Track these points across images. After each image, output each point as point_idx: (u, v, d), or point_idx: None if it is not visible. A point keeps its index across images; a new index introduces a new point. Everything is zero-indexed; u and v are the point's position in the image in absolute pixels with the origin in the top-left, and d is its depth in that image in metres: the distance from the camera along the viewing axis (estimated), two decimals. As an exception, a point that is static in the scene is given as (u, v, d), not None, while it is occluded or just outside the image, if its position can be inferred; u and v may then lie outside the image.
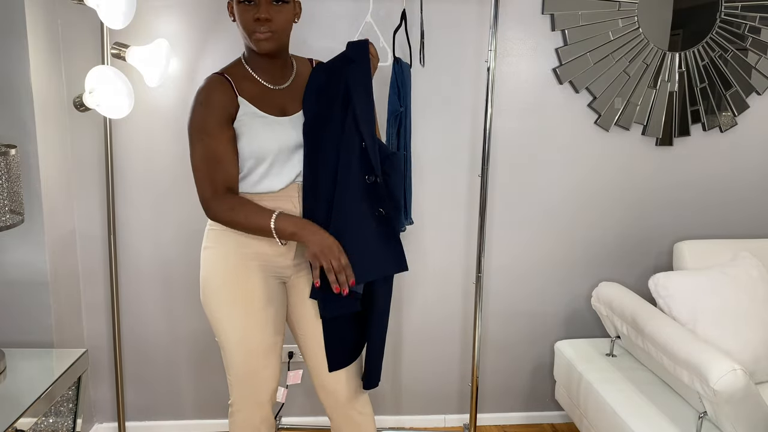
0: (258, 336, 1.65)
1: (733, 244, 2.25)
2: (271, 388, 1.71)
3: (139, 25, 2.06)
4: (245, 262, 1.63)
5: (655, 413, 1.81)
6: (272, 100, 1.61)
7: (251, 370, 1.67)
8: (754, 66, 2.31)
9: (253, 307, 1.64)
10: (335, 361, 1.67)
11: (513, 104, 2.27)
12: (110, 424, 2.38)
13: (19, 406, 1.60)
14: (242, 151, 1.57)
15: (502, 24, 2.19)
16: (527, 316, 2.45)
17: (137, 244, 2.26)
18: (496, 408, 2.52)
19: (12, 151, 1.68)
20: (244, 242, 1.62)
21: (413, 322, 2.41)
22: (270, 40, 1.53)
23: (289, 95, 1.63)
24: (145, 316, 2.32)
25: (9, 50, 1.90)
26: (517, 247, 2.39)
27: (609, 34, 2.22)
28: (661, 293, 2.02)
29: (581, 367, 2.13)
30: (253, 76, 1.61)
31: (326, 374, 1.70)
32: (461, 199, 2.33)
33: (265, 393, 1.70)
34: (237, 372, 1.68)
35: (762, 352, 1.93)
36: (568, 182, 2.35)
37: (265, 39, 1.52)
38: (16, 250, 2.01)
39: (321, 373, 1.72)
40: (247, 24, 1.51)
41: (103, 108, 1.96)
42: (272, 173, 1.59)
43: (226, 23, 2.13)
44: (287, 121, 1.60)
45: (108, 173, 2.14)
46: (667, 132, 2.33)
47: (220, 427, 2.43)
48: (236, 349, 1.66)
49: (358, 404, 1.76)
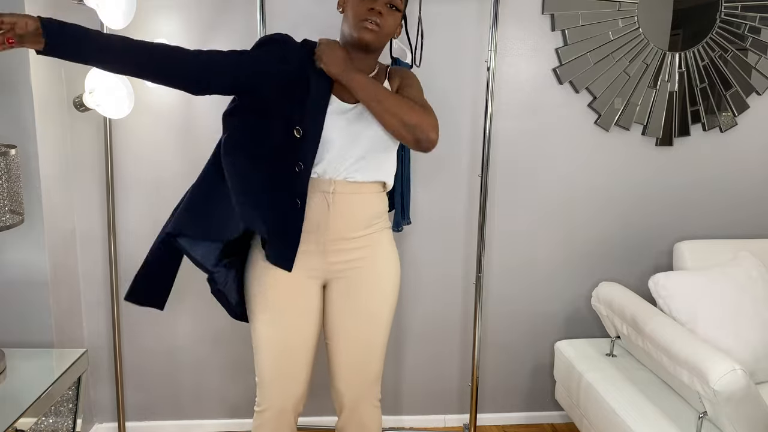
0: (290, 337, 1.65)
1: (733, 244, 2.25)
2: (297, 393, 1.70)
3: (139, 25, 2.06)
4: None
5: (655, 413, 1.81)
6: (344, 87, 1.59)
7: (279, 373, 1.67)
8: (754, 66, 2.31)
9: (287, 307, 1.64)
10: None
11: (513, 104, 2.27)
12: (110, 424, 2.38)
13: (19, 406, 1.60)
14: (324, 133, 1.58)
15: (502, 24, 2.19)
16: (527, 316, 2.45)
17: (137, 244, 2.26)
18: (496, 408, 2.52)
19: (12, 151, 1.68)
20: None
21: (413, 322, 2.41)
22: (374, 33, 1.55)
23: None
24: (145, 316, 2.32)
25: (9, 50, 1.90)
26: (517, 247, 2.39)
27: (609, 34, 2.22)
28: (661, 293, 2.02)
29: (581, 367, 2.13)
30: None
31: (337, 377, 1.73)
32: (461, 199, 2.33)
33: (290, 397, 1.69)
34: (265, 373, 1.67)
35: (762, 352, 1.93)
36: (568, 182, 2.35)
37: (372, 30, 1.55)
38: (16, 250, 2.01)
39: (333, 375, 1.74)
40: (360, 12, 1.54)
41: (103, 108, 1.96)
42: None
43: (226, 23, 2.13)
44: (348, 109, 1.59)
45: (108, 173, 2.14)
46: (667, 132, 2.33)
47: (220, 427, 2.43)
48: (267, 349, 1.65)
49: (364, 415, 1.76)
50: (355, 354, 1.70)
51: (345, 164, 1.59)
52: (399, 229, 2.16)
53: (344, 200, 1.61)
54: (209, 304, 2.31)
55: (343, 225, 1.62)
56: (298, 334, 1.66)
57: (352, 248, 1.65)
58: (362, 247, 1.66)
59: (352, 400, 1.73)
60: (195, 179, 1.64)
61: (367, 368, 1.72)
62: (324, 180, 1.59)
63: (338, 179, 1.59)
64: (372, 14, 1.53)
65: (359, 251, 1.66)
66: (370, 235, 1.67)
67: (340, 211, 1.61)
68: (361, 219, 1.64)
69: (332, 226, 1.61)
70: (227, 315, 1.77)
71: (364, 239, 1.66)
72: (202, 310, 2.33)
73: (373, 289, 1.69)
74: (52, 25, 1.31)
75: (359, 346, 1.70)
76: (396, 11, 1.58)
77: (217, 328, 2.34)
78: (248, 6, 2.12)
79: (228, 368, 2.38)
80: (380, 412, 1.79)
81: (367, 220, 1.66)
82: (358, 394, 1.73)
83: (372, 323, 1.70)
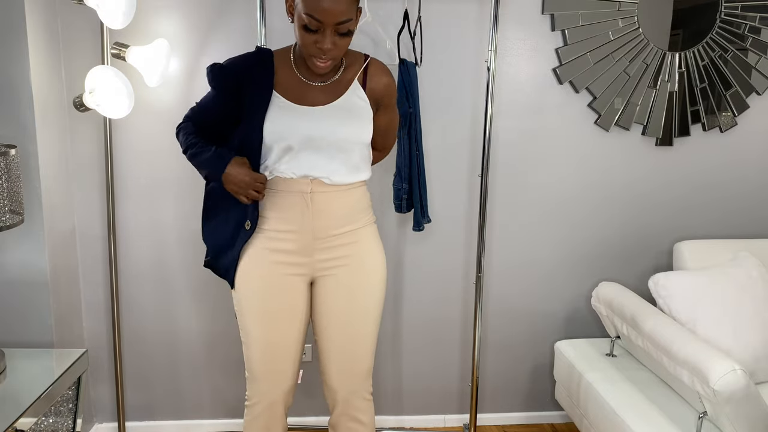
0: (277, 333, 1.67)
1: (733, 244, 2.25)
2: (287, 386, 1.72)
3: (139, 25, 2.06)
4: (270, 258, 1.65)
5: (655, 413, 1.81)
6: (304, 92, 1.61)
7: (268, 368, 1.69)
8: (754, 66, 2.31)
9: (274, 304, 1.66)
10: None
11: (513, 104, 2.27)
12: (110, 424, 2.38)
13: (19, 406, 1.60)
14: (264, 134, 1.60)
15: (502, 24, 2.19)
16: (527, 316, 2.45)
17: (137, 244, 2.26)
18: (496, 408, 2.52)
19: (12, 151, 1.68)
20: (269, 238, 1.64)
21: (413, 322, 2.41)
22: (329, 66, 1.55)
23: (327, 89, 1.63)
24: (145, 316, 2.32)
25: (9, 50, 1.90)
26: (517, 247, 2.39)
27: (609, 34, 2.22)
28: (661, 293, 2.02)
29: (581, 367, 2.13)
30: (294, 70, 1.62)
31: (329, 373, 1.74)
32: (461, 199, 2.33)
33: (280, 391, 1.71)
34: (254, 367, 1.70)
35: (762, 352, 1.93)
36: (568, 182, 2.35)
37: (325, 66, 1.54)
38: (16, 250, 2.01)
39: (325, 371, 1.75)
40: (309, 47, 1.51)
41: (103, 108, 1.96)
42: (284, 161, 1.60)
43: (226, 23, 2.13)
44: (313, 111, 1.60)
45: (108, 173, 2.14)
46: (667, 132, 2.33)
47: (220, 427, 2.43)
48: (255, 344, 1.68)
49: (357, 409, 1.76)
50: (346, 350, 1.71)
51: (318, 164, 1.60)
52: (420, 228, 2.18)
53: (323, 199, 1.62)
54: (209, 304, 2.31)
55: (325, 224, 1.64)
56: (285, 331, 1.68)
57: (337, 245, 1.66)
58: (348, 244, 1.67)
59: (345, 396, 1.74)
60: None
61: (358, 363, 1.73)
62: (301, 180, 1.61)
63: (315, 179, 1.61)
64: (321, 52, 1.50)
65: (345, 248, 1.67)
66: (355, 230, 1.68)
67: (320, 210, 1.63)
68: (342, 216, 1.66)
69: (315, 225, 1.63)
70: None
71: (348, 235, 1.67)
72: (202, 310, 2.33)
73: (361, 285, 1.70)
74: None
75: (349, 342, 1.71)
76: (348, 33, 1.51)
77: (217, 328, 2.34)
78: (248, 6, 2.12)
79: (228, 368, 2.38)
80: (373, 406, 1.79)
81: (349, 217, 1.67)
82: (350, 389, 1.74)
83: (361, 318, 1.71)
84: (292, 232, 1.63)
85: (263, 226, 1.65)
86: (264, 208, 1.65)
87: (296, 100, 1.60)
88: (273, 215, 1.64)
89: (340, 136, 1.60)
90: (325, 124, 1.59)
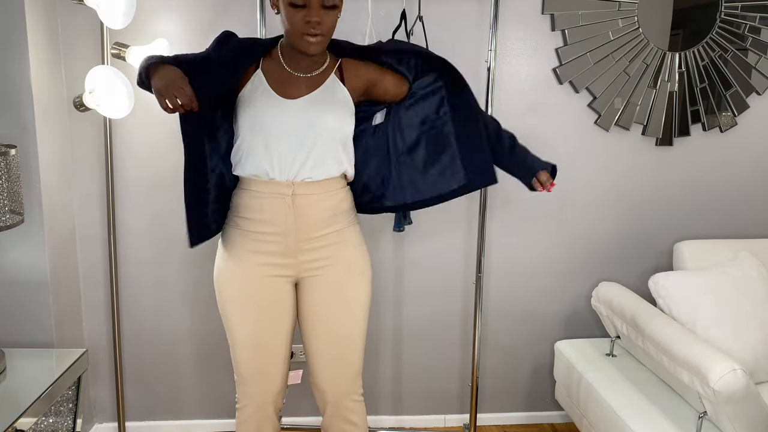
0: (263, 335, 1.67)
1: (733, 244, 2.25)
2: (275, 388, 1.72)
3: (139, 25, 2.06)
4: (253, 260, 1.64)
5: (655, 413, 1.81)
6: (290, 83, 1.61)
7: (256, 370, 1.69)
8: (754, 66, 2.31)
9: (259, 306, 1.66)
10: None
11: (513, 104, 2.27)
12: (110, 424, 2.38)
13: (19, 406, 1.60)
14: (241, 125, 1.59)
15: (502, 24, 2.18)
16: (527, 316, 2.45)
17: (137, 244, 2.26)
18: (496, 408, 2.52)
19: (12, 151, 1.68)
20: (252, 240, 1.64)
21: (413, 322, 2.41)
22: (318, 44, 1.54)
23: (312, 81, 1.63)
24: (145, 316, 2.32)
25: (9, 50, 1.90)
26: (517, 247, 2.39)
27: (609, 34, 2.22)
28: (661, 293, 2.02)
29: (581, 367, 2.13)
30: (281, 62, 1.63)
31: (318, 374, 1.74)
32: (461, 199, 2.32)
33: (269, 393, 1.71)
34: (242, 370, 1.70)
35: (762, 352, 1.93)
36: (567, 182, 2.35)
37: (316, 42, 1.53)
38: (16, 250, 2.01)
39: (314, 373, 1.75)
40: (298, 25, 1.51)
41: (103, 108, 1.96)
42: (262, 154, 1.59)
43: (226, 23, 2.13)
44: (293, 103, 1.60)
45: (108, 173, 2.14)
46: (667, 132, 2.33)
47: (220, 427, 2.43)
48: (242, 347, 1.68)
49: (348, 410, 1.76)
50: (333, 351, 1.71)
51: (298, 161, 1.59)
52: (401, 229, 2.16)
53: (305, 201, 1.62)
54: (210, 304, 2.31)
55: (308, 225, 1.63)
56: (272, 333, 1.68)
57: (321, 246, 1.66)
58: (331, 245, 1.67)
59: (335, 397, 1.74)
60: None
61: (347, 364, 1.73)
62: (281, 183, 1.60)
63: (297, 181, 1.60)
64: (310, 26, 1.51)
65: (329, 248, 1.67)
66: (338, 231, 1.68)
67: (302, 213, 1.62)
68: (325, 217, 1.65)
69: (297, 227, 1.62)
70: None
71: (332, 236, 1.67)
72: (202, 310, 2.33)
73: (347, 285, 1.70)
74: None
75: (337, 343, 1.71)
76: (333, 7, 1.53)
77: (217, 328, 2.33)
78: (248, 6, 2.12)
79: (228, 368, 2.36)
80: (364, 407, 1.79)
81: (332, 218, 1.66)
82: (340, 390, 1.74)
83: (348, 318, 1.71)
84: (275, 234, 1.63)
85: (246, 228, 1.65)
86: (246, 209, 1.64)
87: (281, 92, 1.60)
88: (255, 217, 1.64)
89: (323, 124, 1.59)
90: (303, 118, 1.59)
